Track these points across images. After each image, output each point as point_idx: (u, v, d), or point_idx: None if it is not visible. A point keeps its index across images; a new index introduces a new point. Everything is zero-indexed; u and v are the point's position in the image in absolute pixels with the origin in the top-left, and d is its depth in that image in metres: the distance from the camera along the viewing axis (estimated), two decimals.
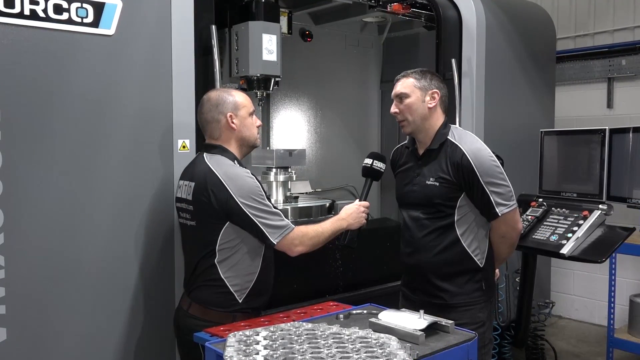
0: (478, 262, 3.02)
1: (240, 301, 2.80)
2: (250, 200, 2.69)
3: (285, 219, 2.78)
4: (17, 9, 2.68)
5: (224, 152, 2.87)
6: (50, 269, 2.84)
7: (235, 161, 2.86)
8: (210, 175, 2.74)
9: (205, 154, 2.88)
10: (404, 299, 3.22)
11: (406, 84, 3.03)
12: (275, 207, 2.77)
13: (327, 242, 2.95)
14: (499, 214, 2.94)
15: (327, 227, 2.92)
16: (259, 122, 3.01)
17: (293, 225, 2.78)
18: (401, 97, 3.03)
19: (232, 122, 2.87)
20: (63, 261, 2.88)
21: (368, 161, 3.17)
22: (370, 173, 3.18)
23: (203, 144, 2.99)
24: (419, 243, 3.06)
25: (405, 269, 3.24)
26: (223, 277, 2.78)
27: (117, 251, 3.04)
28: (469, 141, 3.00)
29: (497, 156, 3.02)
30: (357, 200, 3.12)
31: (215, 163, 2.79)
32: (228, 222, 2.74)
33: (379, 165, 3.16)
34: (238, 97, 2.92)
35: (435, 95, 3.03)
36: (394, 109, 3.08)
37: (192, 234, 2.90)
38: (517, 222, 3.07)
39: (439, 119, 3.05)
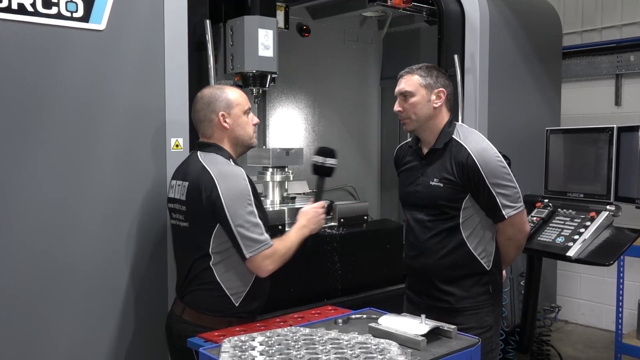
0: (484, 265, 3.02)
1: (237, 305, 2.79)
2: (236, 203, 2.65)
3: (265, 233, 2.71)
4: (4, 3, 2.68)
5: (218, 150, 2.86)
6: (39, 271, 2.85)
7: (231, 159, 2.85)
8: (204, 174, 2.73)
9: (199, 152, 2.87)
10: (408, 303, 3.23)
11: (411, 82, 3.01)
12: (260, 218, 2.71)
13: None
14: (506, 217, 2.94)
15: (293, 240, 2.85)
16: (255, 120, 2.98)
17: (272, 242, 2.71)
18: (405, 95, 3.02)
19: (225, 122, 2.86)
20: (52, 263, 2.88)
21: (318, 159, 3.06)
22: (322, 171, 3.08)
23: (196, 142, 2.99)
24: (423, 246, 3.06)
25: (409, 272, 3.25)
26: (219, 280, 2.77)
27: (108, 253, 3.04)
28: (475, 140, 2.99)
29: (504, 156, 3.01)
30: (311, 202, 3.04)
31: (210, 161, 2.79)
32: (219, 223, 2.73)
33: (331, 162, 3.06)
34: (231, 95, 2.89)
35: (442, 94, 3.02)
36: (397, 107, 3.06)
37: (185, 236, 2.89)
38: (525, 225, 3.07)
39: (444, 117, 3.05)
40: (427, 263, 3.06)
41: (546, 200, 4.21)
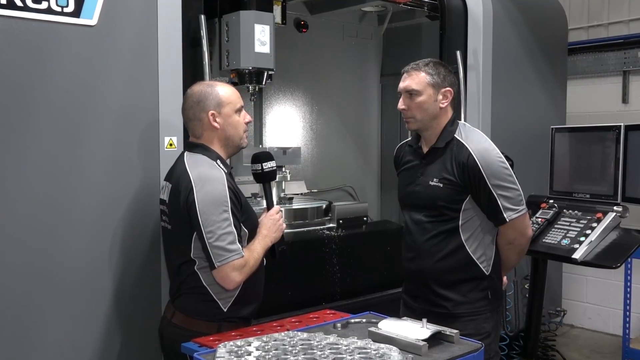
0: (484, 270, 3.02)
1: (225, 310, 2.78)
2: (210, 209, 2.63)
3: (237, 242, 2.67)
4: None
5: (205, 150, 2.83)
6: (28, 271, 2.85)
7: (218, 160, 2.81)
8: (184, 176, 2.72)
9: (185, 153, 2.86)
10: (405, 307, 3.23)
11: (418, 80, 2.99)
12: (236, 226, 2.68)
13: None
14: (507, 220, 2.94)
15: (260, 251, 2.81)
16: (248, 118, 2.94)
17: (243, 253, 2.68)
18: (411, 93, 3.00)
19: (215, 121, 2.81)
20: (41, 263, 2.88)
21: (257, 166, 3.03)
22: (264, 177, 3.06)
23: (186, 142, 2.98)
24: (421, 248, 3.06)
25: (406, 275, 3.25)
26: (205, 285, 2.76)
27: (99, 253, 3.05)
28: (476, 140, 2.99)
29: (506, 157, 3.01)
30: (266, 210, 2.99)
31: (193, 163, 2.76)
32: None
33: (269, 165, 3.04)
34: (222, 93, 2.84)
35: (448, 94, 3.01)
36: (402, 105, 3.04)
37: (171, 239, 2.89)
38: (527, 228, 3.07)
39: (447, 116, 3.05)
40: (424, 266, 3.06)
41: (551, 201, 4.22)
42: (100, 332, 3.07)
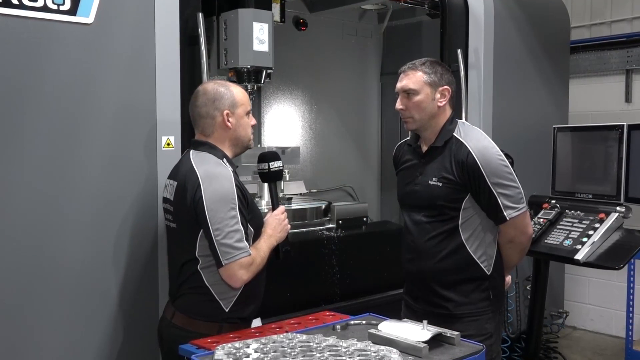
0: (485, 269, 3.02)
1: (226, 310, 2.80)
2: (217, 206, 2.65)
3: (244, 240, 2.69)
4: None
5: (211, 149, 2.86)
6: (25, 272, 2.85)
7: (224, 159, 2.84)
8: (191, 174, 2.74)
9: (191, 151, 2.87)
10: (406, 308, 3.24)
11: (415, 79, 3.00)
12: (243, 224, 2.70)
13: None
14: (507, 218, 2.94)
15: (265, 250, 2.84)
16: (254, 121, 2.98)
17: (250, 251, 2.70)
18: (409, 93, 3.01)
19: (228, 121, 2.85)
20: (39, 264, 2.88)
21: (264, 166, 3.07)
22: (271, 177, 3.10)
23: (192, 140, 2.98)
24: (421, 248, 3.07)
25: (407, 276, 3.25)
26: (207, 285, 2.77)
27: (97, 254, 3.05)
28: (475, 138, 3.00)
29: (506, 155, 3.02)
30: (270, 210, 3.03)
31: (199, 160, 2.79)
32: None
33: (276, 165, 3.07)
34: (237, 94, 2.89)
35: (446, 92, 3.02)
36: (400, 105, 3.05)
37: (175, 238, 2.92)
38: (527, 227, 3.08)
39: (446, 115, 3.05)
40: (424, 266, 3.07)
41: (553, 201, 4.22)
42: (98, 333, 3.07)
